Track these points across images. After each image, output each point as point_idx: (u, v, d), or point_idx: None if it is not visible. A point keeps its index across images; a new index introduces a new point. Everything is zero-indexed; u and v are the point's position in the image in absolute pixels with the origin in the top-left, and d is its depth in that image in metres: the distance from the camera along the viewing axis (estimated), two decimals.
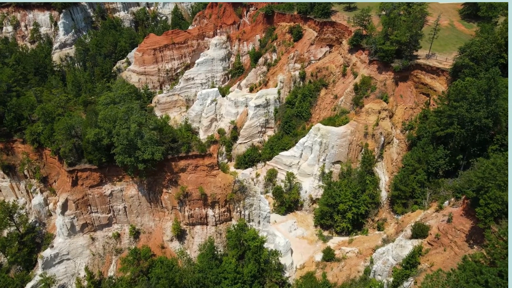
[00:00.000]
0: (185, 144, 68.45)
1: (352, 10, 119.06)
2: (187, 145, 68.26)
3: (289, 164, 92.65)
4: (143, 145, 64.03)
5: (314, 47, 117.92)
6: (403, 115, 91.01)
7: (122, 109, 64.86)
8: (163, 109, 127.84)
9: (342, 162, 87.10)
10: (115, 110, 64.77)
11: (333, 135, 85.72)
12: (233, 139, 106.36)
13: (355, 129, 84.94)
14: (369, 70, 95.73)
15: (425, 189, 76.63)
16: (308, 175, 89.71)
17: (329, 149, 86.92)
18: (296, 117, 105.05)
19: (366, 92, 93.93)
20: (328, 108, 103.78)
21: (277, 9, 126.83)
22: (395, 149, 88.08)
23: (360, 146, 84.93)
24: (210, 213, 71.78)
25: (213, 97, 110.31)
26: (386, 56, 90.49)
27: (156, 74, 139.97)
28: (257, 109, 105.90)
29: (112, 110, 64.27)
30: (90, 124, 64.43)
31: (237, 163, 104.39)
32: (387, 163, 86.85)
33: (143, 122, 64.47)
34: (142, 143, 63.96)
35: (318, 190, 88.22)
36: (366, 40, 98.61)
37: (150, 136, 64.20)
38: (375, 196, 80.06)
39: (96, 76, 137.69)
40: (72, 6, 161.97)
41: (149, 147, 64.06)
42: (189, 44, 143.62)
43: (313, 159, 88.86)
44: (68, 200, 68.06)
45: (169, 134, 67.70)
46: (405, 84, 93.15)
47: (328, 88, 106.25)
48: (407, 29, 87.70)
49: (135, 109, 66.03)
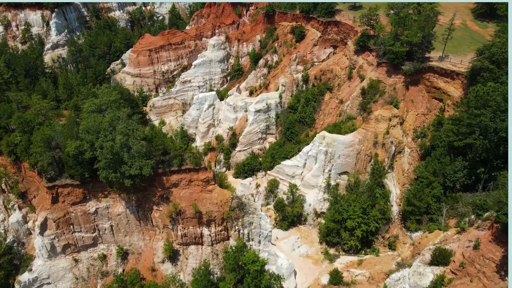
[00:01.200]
0: (177, 157, 61.11)
1: (358, 9, 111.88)
2: (179, 157, 60.92)
3: (291, 175, 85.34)
4: (130, 159, 56.69)
5: (317, 48, 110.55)
6: (415, 121, 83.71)
7: (106, 118, 57.48)
8: (158, 113, 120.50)
9: (349, 173, 79.77)
10: (98, 119, 57.40)
11: (339, 144, 78.40)
12: (231, 146, 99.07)
13: (363, 138, 77.58)
14: (377, 73, 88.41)
15: (442, 204, 69.44)
16: (312, 187, 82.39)
17: (335, 159, 79.60)
18: (299, 123, 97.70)
19: (374, 96, 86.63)
20: (333, 113, 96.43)
21: (278, 8, 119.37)
22: (406, 159, 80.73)
23: (369, 156, 77.58)
24: (205, 232, 64.47)
25: (210, 102, 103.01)
26: (396, 58, 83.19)
27: (151, 76, 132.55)
28: (257, 114, 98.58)
29: (96, 119, 56.90)
30: (71, 135, 57.08)
31: (236, 172, 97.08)
32: (398, 174, 79.50)
33: (130, 133, 57.06)
34: (129, 156, 56.62)
35: (323, 203, 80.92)
36: (374, 41, 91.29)
37: (138, 149, 56.83)
38: (386, 211, 72.73)
39: (88, 78, 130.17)
40: (65, 6, 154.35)
41: (136, 161, 56.73)
42: (186, 45, 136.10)
43: (317, 170, 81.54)
44: (48, 219, 60.77)
45: (160, 146, 60.30)
46: (416, 88, 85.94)
47: (333, 92, 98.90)
48: (419, 29, 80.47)
49: (121, 119, 58.61)
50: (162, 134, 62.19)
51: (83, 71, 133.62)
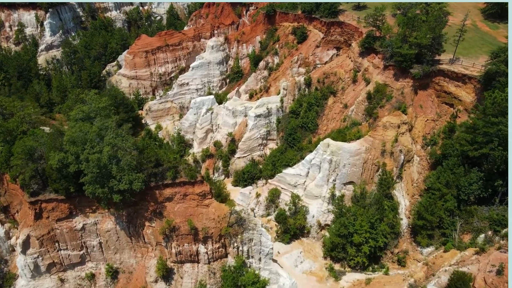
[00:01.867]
0: (171, 169, 56.02)
1: (362, 9, 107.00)
2: (173, 170, 55.81)
3: (293, 184, 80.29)
4: (119, 172, 51.60)
5: (320, 50, 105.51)
6: (424, 128, 78.74)
7: (93, 128, 52.35)
8: (155, 117, 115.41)
9: (355, 183, 74.69)
10: (85, 129, 52.29)
11: (344, 152, 73.33)
12: (230, 153, 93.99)
13: (370, 146, 72.51)
14: (383, 77, 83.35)
15: (455, 218, 64.44)
16: (316, 197, 77.33)
17: (340, 168, 74.54)
18: (301, 129, 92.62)
19: (381, 101, 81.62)
20: (337, 118, 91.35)
21: (279, 8, 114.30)
22: (415, 168, 75.71)
23: (377, 166, 72.51)
24: (201, 250, 59.39)
25: (208, 106, 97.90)
26: (405, 61, 78.11)
27: (148, 78, 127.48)
28: (257, 119, 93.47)
29: (81, 129, 51.78)
30: (54, 146, 51.97)
31: (235, 180, 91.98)
32: (407, 185, 74.44)
33: (119, 144, 51.93)
34: (117, 169, 51.53)
35: (327, 215, 75.89)
36: (380, 42, 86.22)
37: (128, 162, 51.74)
38: (395, 225, 67.67)
39: (83, 80, 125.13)
40: (60, 6, 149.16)
41: (126, 175, 51.65)
42: (184, 46, 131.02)
43: (321, 179, 76.46)
44: (30, 236, 55.69)
45: (152, 158, 55.21)
46: (425, 93, 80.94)
47: (337, 96, 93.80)
48: (429, 30, 75.38)
49: (110, 128, 53.46)
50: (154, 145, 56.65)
51: (77, 73, 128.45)
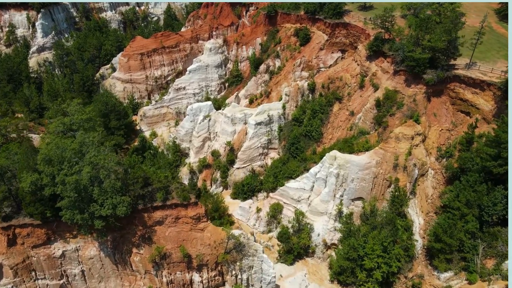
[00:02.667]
0: (161, 190, 49.41)
1: (368, 9, 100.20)
2: (163, 191, 49.19)
3: (297, 199, 73.72)
4: (101, 195, 45.04)
5: (324, 53, 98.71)
6: (438, 138, 72.05)
7: (72, 145, 45.68)
8: (150, 124, 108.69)
9: (364, 199, 68.15)
10: (63, 145, 45.67)
11: (353, 166, 66.77)
12: (229, 163, 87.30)
13: (381, 160, 65.88)
14: (394, 82, 76.73)
15: (477, 241, 57.79)
16: (321, 214, 70.78)
17: (347, 182, 67.96)
18: (305, 137, 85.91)
19: (391, 109, 74.97)
20: (343, 126, 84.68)
21: (281, 9, 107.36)
22: (430, 183, 69.07)
23: (388, 181, 65.89)
24: (196, 278, 52.88)
25: (206, 112, 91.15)
26: (417, 65, 71.45)
27: (143, 82, 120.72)
28: (258, 127, 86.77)
29: (58, 146, 45.14)
30: (28, 166, 45.36)
31: (234, 192, 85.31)
32: (421, 201, 67.81)
33: (101, 163, 45.30)
34: (99, 192, 44.96)
35: (334, 233, 69.36)
36: (390, 45, 79.56)
37: (112, 183, 45.13)
38: (409, 248, 61.07)
39: (75, 84, 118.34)
40: (52, 6, 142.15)
41: (109, 199, 45.04)
42: (181, 48, 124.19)
43: (327, 194, 69.89)
44: (3, 265, 49.10)
45: (139, 179, 48.54)
46: (439, 100, 74.31)
47: (343, 102, 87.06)
48: (445, 32, 68.68)
49: (91, 144, 46.82)
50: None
51: (69, 77, 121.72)
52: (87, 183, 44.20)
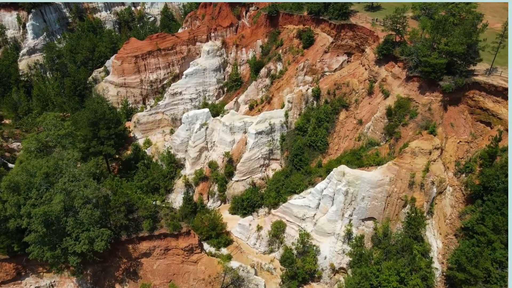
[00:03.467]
0: (148, 219, 42.52)
1: (376, 9, 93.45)
2: (150, 220, 42.33)
3: (301, 217, 66.92)
4: (76, 227, 38.17)
5: (328, 56, 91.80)
6: (456, 151, 65.11)
7: (42, 169, 38.79)
8: (144, 131, 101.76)
9: (375, 220, 61.30)
10: (32, 168, 38.79)
11: (364, 183, 59.93)
12: (228, 175, 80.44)
13: (395, 177, 58.97)
14: (406, 89, 69.90)
15: (505, 271, 50.92)
16: (328, 235, 63.96)
17: (357, 201, 61.12)
18: (309, 148, 79.09)
19: (404, 118, 68.16)
20: (350, 136, 77.80)
21: (283, 9, 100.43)
22: (448, 201, 62.13)
23: (403, 200, 59.02)
24: None
25: (202, 120, 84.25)
26: (433, 71, 64.54)
27: (138, 86, 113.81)
28: (258, 136, 79.90)
29: (26, 171, 38.26)
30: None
31: (232, 207, 78.42)
32: (439, 222, 60.91)
33: (75, 191, 38.40)
34: (74, 224, 38.11)
35: (342, 256, 62.53)
36: (401, 49, 72.66)
37: (88, 214, 38.26)
38: (429, 277, 54.22)
39: (66, 88, 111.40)
40: (44, 6, 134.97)
41: (85, 232, 38.18)
42: (178, 50, 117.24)
43: (335, 213, 63.06)
44: None
45: (122, 207, 41.63)
46: (456, 109, 67.45)
47: (350, 109, 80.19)
48: (465, 35, 61.77)
49: (65, 167, 39.90)
50: (124, 192, 42.66)
51: (60, 80, 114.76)
52: (60, 214, 37.38)
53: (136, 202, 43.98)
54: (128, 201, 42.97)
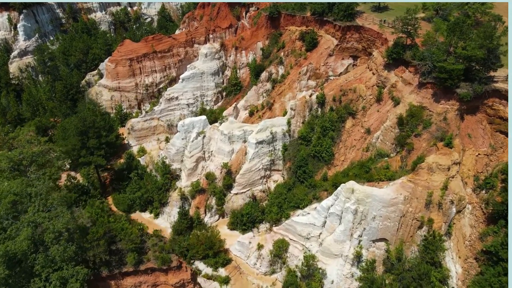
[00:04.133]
0: (133, 252, 36.69)
1: (383, 10, 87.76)
2: (135, 253, 36.50)
3: (305, 236, 61.16)
4: (47, 266, 32.31)
5: (333, 59, 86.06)
6: (475, 165, 59.41)
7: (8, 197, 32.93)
8: (138, 138, 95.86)
9: (388, 242, 55.47)
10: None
11: (375, 201, 54.12)
12: (226, 188, 74.57)
13: (410, 195, 53.11)
14: (419, 97, 64.20)
15: None
16: (336, 256, 58.17)
17: (368, 220, 55.32)
18: (313, 158, 73.27)
19: (416, 128, 62.48)
20: (358, 146, 71.97)
21: (285, 10, 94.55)
22: (467, 220, 56.31)
23: (419, 221, 53.17)
24: None
25: (199, 129, 78.40)
26: (450, 78, 58.75)
27: (133, 90, 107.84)
28: (259, 146, 74.05)
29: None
30: None
31: (231, 222, 72.61)
32: (458, 244, 55.06)
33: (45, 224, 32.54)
34: (44, 262, 32.26)
35: (351, 281, 56.71)
36: (413, 52, 66.82)
37: (61, 250, 32.42)
38: None
39: (57, 93, 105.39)
40: (36, 6, 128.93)
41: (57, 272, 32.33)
42: (175, 53, 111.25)
43: (343, 234, 57.26)
44: None
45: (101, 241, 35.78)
46: (474, 119, 61.79)
47: (357, 117, 74.37)
48: (486, 39, 55.98)
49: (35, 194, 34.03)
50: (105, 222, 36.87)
51: (51, 84, 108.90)
52: (27, 250, 31.60)
53: (119, 233, 38.25)
54: (109, 232, 37.26)
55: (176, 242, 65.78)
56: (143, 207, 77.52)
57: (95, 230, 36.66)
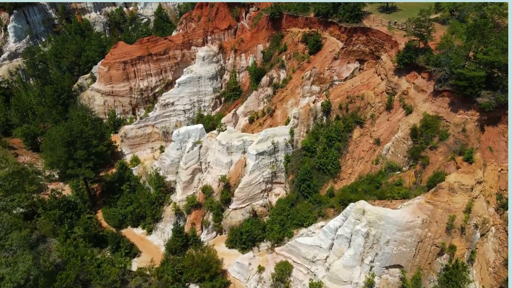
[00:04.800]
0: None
1: (391, 11, 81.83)
2: None
3: (311, 259, 55.24)
4: None
5: (338, 63, 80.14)
6: (497, 182, 53.40)
7: None
8: (132, 146, 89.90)
9: (403, 269, 49.56)
10: None
11: (389, 224, 48.20)
12: (224, 203, 68.65)
13: (429, 218, 47.12)
14: (434, 106, 58.22)
15: None
16: (344, 283, 52.23)
17: (380, 245, 49.41)
18: (318, 171, 67.31)
19: (432, 140, 56.53)
20: (366, 158, 66.03)
21: (287, 10, 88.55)
22: (491, 244, 50.41)
23: (439, 247, 47.24)
24: None
25: (196, 138, 72.40)
26: (470, 86, 52.76)
27: (127, 94, 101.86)
28: (259, 157, 68.07)
29: None
30: None
31: (230, 239, 66.70)
32: (481, 271, 49.13)
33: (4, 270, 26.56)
34: None
35: None
36: (426, 57, 60.80)
37: None
38: None
39: (48, 97, 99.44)
40: (27, 6, 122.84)
41: None
42: (171, 55, 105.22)
43: (352, 258, 51.34)
44: None
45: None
46: (495, 130, 55.84)
47: (365, 126, 68.46)
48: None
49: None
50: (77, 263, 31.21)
51: (41, 88, 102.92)
52: None
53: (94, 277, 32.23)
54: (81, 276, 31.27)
55: (170, 263, 59.89)
56: (135, 223, 71.66)
57: (65, 276, 30.58)
